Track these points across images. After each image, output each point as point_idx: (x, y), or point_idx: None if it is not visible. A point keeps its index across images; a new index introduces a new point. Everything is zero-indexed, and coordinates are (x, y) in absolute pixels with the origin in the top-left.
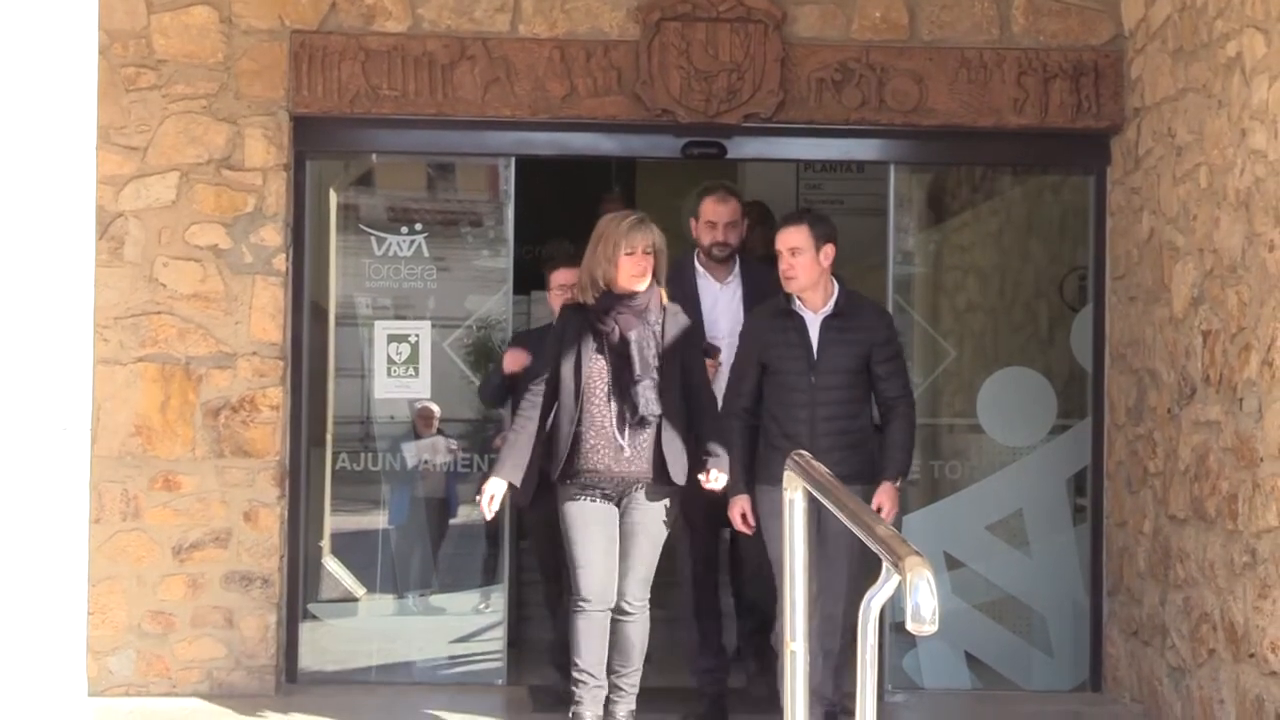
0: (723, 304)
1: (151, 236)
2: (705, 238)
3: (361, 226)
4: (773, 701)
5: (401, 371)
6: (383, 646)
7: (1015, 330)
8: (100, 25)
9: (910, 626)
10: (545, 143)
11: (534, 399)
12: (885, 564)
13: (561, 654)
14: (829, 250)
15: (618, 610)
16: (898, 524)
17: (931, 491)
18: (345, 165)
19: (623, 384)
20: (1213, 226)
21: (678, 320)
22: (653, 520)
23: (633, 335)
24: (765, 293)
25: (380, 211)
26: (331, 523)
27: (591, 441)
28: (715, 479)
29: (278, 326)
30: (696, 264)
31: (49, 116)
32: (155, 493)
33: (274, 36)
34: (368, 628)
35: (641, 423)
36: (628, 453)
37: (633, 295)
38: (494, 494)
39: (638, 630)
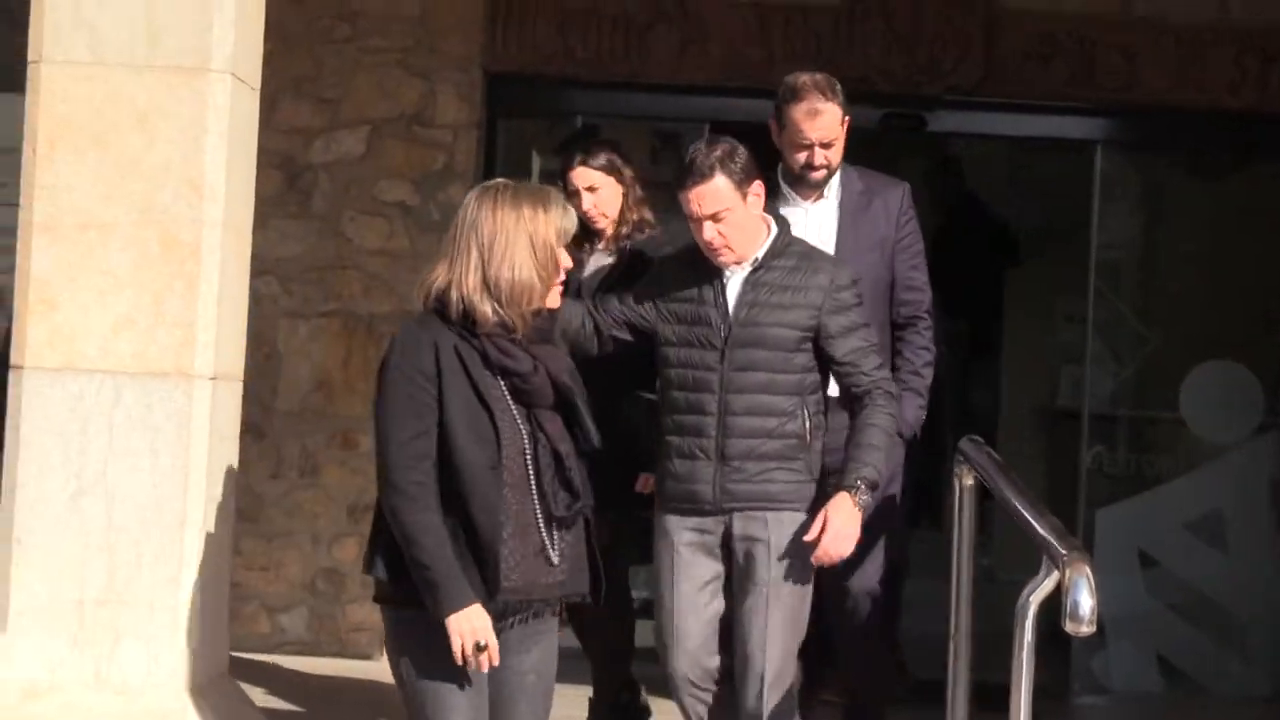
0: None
1: (339, 190)
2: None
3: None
4: None
5: None
6: None
7: (1225, 323)
8: None
9: (1067, 626)
10: (741, 110)
11: (425, 477)
12: (1045, 559)
13: None
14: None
15: None
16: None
17: (1129, 485)
18: (550, 127)
19: (551, 458)
20: None
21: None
22: (553, 665)
23: (566, 377)
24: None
25: None
26: None
27: (512, 546)
28: None
29: None
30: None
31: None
32: (333, 450)
33: None
34: None
35: (570, 514)
36: (556, 560)
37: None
38: (483, 636)
39: None
